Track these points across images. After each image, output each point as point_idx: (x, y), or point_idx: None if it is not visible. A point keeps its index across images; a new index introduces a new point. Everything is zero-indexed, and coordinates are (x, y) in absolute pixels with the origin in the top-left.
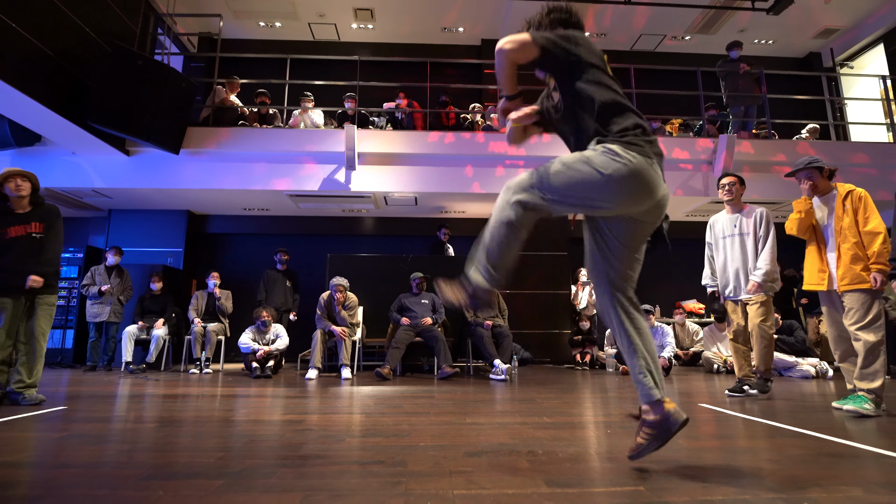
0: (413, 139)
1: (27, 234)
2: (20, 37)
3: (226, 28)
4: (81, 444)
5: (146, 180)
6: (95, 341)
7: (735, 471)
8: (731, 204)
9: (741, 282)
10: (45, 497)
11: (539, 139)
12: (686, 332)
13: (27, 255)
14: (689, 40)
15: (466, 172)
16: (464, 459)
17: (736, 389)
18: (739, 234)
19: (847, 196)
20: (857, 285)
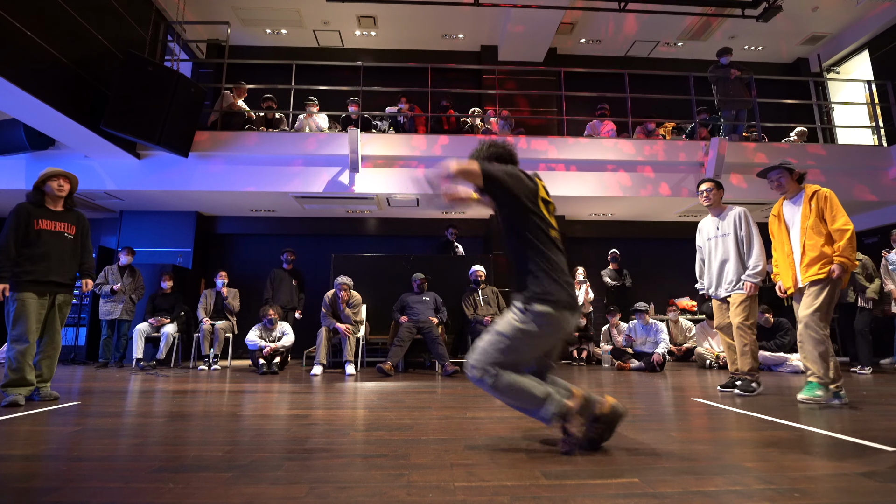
0: (414, 142)
1: (59, 231)
2: (36, 45)
3: (233, 35)
4: (95, 437)
5: (156, 183)
6: (108, 338)
7: (727, 463)
8: (712, 208)
9: (722, 279)
10: (62, 489)
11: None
12: (679, 328)
13: (58, 254)
14: (681, 46)
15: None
16: (464, 452)
17: (728, 385)
18: (722, 234)
19: (813, 196)
20: (815, 276)
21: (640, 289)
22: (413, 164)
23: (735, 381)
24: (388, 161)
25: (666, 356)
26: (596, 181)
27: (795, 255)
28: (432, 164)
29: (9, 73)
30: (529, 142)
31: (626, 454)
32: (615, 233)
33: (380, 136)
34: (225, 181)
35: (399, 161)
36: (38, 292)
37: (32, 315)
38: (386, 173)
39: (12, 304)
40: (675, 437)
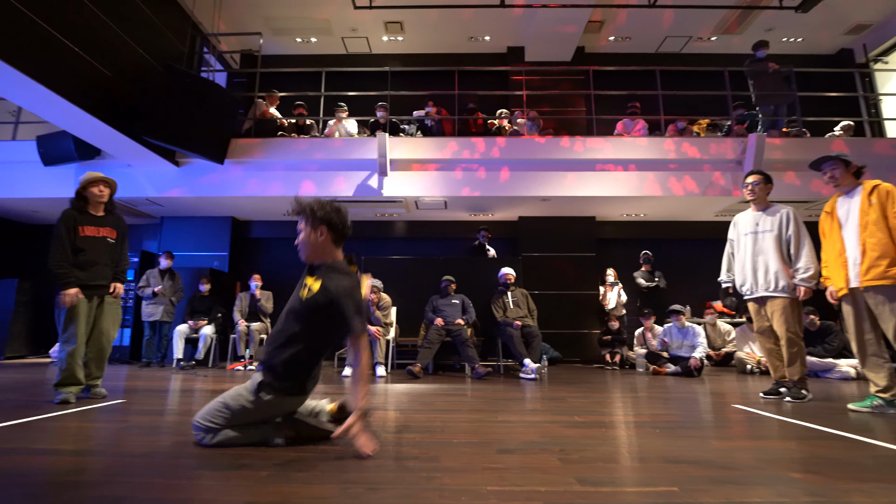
0: (441, 145)
1: (102, 236)
2: (83, 60)
3: (265, 45)
4: (139, 434)
5: (194, 189)
6: (150, 339)
7: (771, 473)
8: (756, 203)
9: (758, 279)
10: (108, 483)
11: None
12: (717, 332)
13: (102, 259)
14: (715, 41)
15: (488, 175)
16: (496, 456)
17: (771, 392)
18: (762, 231)
19: (873, 190)
20: (881, 281)
21: (674, 291)
22: (441, 166)
23: (779, 388)
24: (416, 164)
25: (704, 361)
26: (627, 181)
27: (849, 253)
28: (459, 167)
29: (60, 88)
30: (557, 142)
31: (663, 462)
32: (647, 233)
33: (407, 140)
34: (258, 187)
35: (427, 164)
36: (87, 296)
37: (82, 318)
38: (414, 176)
39: (63, 309)
40: (715, 445)
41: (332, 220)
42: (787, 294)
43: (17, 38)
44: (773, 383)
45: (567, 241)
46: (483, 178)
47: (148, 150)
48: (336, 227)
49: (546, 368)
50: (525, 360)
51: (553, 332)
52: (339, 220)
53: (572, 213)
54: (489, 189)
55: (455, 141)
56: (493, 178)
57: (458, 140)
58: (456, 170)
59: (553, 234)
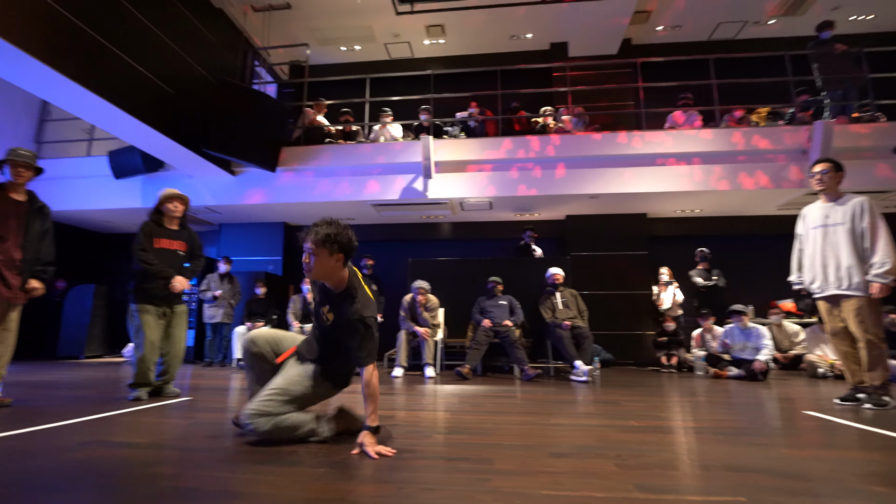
0: (485, 146)
1: (173, 249)
2: (149, 80)
3: (312, 55)
4: (205, 430)
5: (248, 197)
6: (212, 340)
7: (850, 486)
8: (825, 193)
9: (829, 276)
10: (180, 476)
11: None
12: (784, 333)
13: (174, 270)
14: (773, 24)
15: (536, 175)
16: (549, 460)
17: (848, 398)
18: (833, 224)
19: None
20: None
21: (734, 290)
22: (485, 167)
23: (857, 394)
24: (460, 166)
25: (770, 364)
26: (680, 175)
27: None
28: (504, 167)
29: (129, 106)
30: (605, 138)
31: (728, 470)
32: (703, 230)
33: (451, 142)
34: (308, 193)
35: (471, 165)
36: (156, 305)
37: (152, 326)
38: (458, 178)
39: (134, 315)
40: (785, 453)
41: (348, 246)
42: (862, 292)
43: (93, 64)
44: (850, 389)
45: (617, 239)
46: (531, 177)
47: (207, 161)
48: (350, 251)
49: (598, 371)
50: (576, 361)
51: (605, 334)
52: (353, 244)
53: (622, 211)
54: (537, 188)
55: (500, 141)
56: (543, 177)
57: (504, 140)
58: (502, 170)
59: (602, 232)
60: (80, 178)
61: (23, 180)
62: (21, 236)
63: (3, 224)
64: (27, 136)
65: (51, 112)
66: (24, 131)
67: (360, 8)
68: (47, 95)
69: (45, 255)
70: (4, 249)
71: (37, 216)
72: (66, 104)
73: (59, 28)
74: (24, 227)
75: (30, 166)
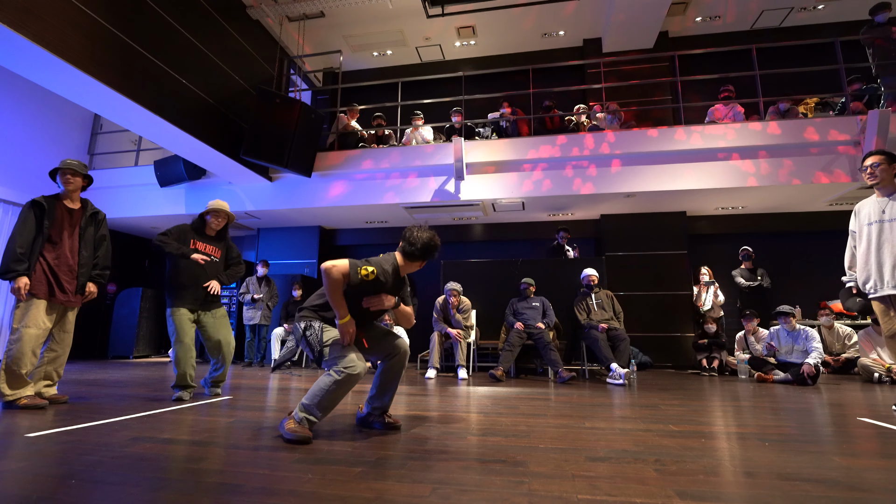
0: (517, 146)
1: (208, 252)
2: (191, 91)
3: (345, 62)
4: (245, 428)
5: (286, 202)
6: (251, 341)
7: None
8: (880, 187)
9: (885, 273)
10: (223, 472)
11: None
12: (835, 335)
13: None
14: (822, 9)
15: (567, 174)
16: (586, 464)
17: None
18: (890, 219)
19: None
20: None
21: (780, 291)
22: (517, 167)
23: None
24: (492, 167)
25: (819, 367)
26: (722, 171)
27: None
28: (537, 167)
29: (173, 117)
30: (642, 135)
31: (775, 478)
32: (747, 227)
33: (483, 143)
34: (343, 197)
35: (503, 166)
36: (190, 310)
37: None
38: (491, 179)
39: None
40: (839, 462)
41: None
42: None
43: (141, 78)
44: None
45: (655, 238)
46: (563, 176)
47: (246, 168)
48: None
49: (635, 374)
50: (612, 364)
51: (642, 336)
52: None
53: (660, 209)
54: (566, 188)
55: (532, 141)
56: (567, 176)
57: (535, 140)
58: (535, 170)
59: (639, 231)
60: (128, 187)
61: (72, 187)
62: (76, 242)
63: (58, 230)
64: (81, 147)
65: (102, 125)
66: (79, 143)
67: (391, 13)
68: (99, 109)
69: (101, 261)
70: (60, 255)
71: (90, 223)
72: (116, 117)
73: (109, 46)
74: (78, 234)
75: (76, 173)
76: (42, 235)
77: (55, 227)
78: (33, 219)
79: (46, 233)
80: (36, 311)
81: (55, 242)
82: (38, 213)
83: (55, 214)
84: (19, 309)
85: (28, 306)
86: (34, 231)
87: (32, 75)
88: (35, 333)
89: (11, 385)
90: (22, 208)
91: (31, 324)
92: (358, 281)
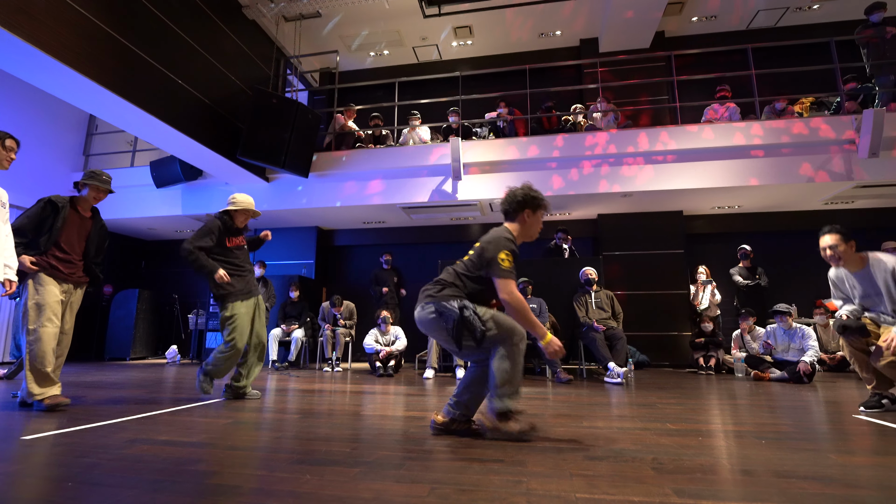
0: (514, 146)
1: (240, 246)
2: (187, 92)
3: (342, 62)
4: (243, 430)
5: (283, 202)
6: None
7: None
8: (847, 267)
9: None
10: (221, 473)
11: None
12: (831, 333)
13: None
14: (817, 9)
15: (565, 173)
16: (584, 463)
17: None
18: (866, 296)
19: None
20: None
21: (777, 289)
22: (515, 167)
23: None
24: (489, 167)
25: (815, 365)
26: (718, 170)
27: None
28: (534, 167)
29: (169, 118)
30: (639, 134)
31: (772, 475)
32: (743, 227)
33: (480, 143)
34: (340, 197)
35: (500, 166)
36: (245, 300)
37: (245, 322)
38: (488, 179)
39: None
40: (836, 459)
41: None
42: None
43: (136, 78)
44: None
45: (653, 237)
46: (561, 176)
47: (242, 168)
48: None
49: (633, 373)
50: (609, 363)
51: (639, 335)
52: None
53: (657, 209)
54: (566, 187)
55: (529, 140)
56: (568, 177)
57: (532, 139)
58: (532, 170)
59: (636, 230)
60: (124, 188)
61: (99, 201)
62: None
63: (68, 236)
64: (76, 149)
65: (97, 126)
66: (74, 144)
67: (388, 13)
68: (94, 110)
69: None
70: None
71: (98, 233)
72: (112, 117)
73: (104, 46)
74: (86, 239)
75: (109, 190)
76: (50, 236)
77: (65, 233)
78: (44, 215)
79: (56, 235)
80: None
81: (62, 248)
82: (52, 212)
83: (67, 218)
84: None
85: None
86: (41, 225)
87: (26, 76)
88: (53, 332)
89: (40, 384)
90: (37, 201)
91: (48, 322)
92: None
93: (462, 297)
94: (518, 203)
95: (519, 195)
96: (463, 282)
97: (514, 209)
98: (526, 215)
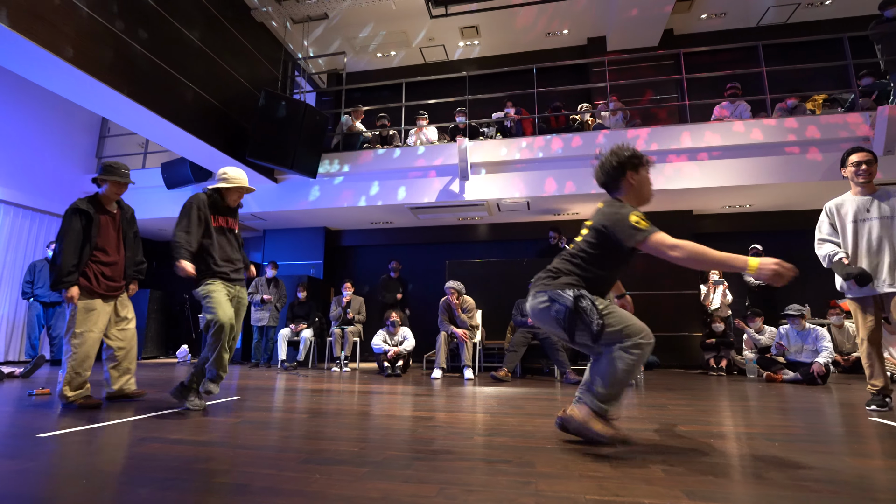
0: (522, 146)
1: (228, 226)
2: (197, 94)
3: (349, 63)
4: (251, 429)
5: (291, 203)
6: (258, 342)
7: None
8: (865, 186)
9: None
10: (229, 472)
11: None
12: (845, 334)
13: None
14: (829, 5)
15: (572, 172)
16: (593, 464)
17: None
18: (876, 217)
19: None
20: None
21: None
22: (522, 167)
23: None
24: (496, 167)
25: (829, 367)
26: (729, 169)
27: None
28: (541, 167)
29: (180, 120)
30: (648, 133)
31: (786, 478)
32: (754, 226)
33: (487, 143)
34: (347, 197)
35: (508, 165)
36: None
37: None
38: (495, 179)
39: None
40: (851, 462)
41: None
42: None
43: (148, 82)
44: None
45: None
46: (567, 175)
47: (251, 169)
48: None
49: (642, 374)
50: None
51: None
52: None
53: (667, 208)
54: (573, 187)
55: (536, 140)
56: (576, 175)
57: (541, 138)
58: (539, 169)
59: None
60: (135, 190)
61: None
62: (121, 246)
63: (105, 237)
64: (89, 151)
65: (109, 128)
66: (87, 146)
67: (395, 14)
68: (106, 113)
69: (138, 257)
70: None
71: (129, 224)
72: (124, 120)
73: (117, 50)
74: (122, 237)
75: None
76: (90, 244)
77: (101, 235)
78: (79, 227)
79: (94, 241)
80: (95, 314)
81: (104, 250)
82: (84, 221)
83: (100, 221)
84: (78, 313)
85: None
86: (81, 239)
87: (42, 80)
88: (96, 337)
89: (73, 388)
90: (65, 215)
91: (94, 327)
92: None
93: (580, 287)
94: (615, 169)
95: (613, 161)
96: (583, 268)
97: (613, 177)
98: (630, 178)
